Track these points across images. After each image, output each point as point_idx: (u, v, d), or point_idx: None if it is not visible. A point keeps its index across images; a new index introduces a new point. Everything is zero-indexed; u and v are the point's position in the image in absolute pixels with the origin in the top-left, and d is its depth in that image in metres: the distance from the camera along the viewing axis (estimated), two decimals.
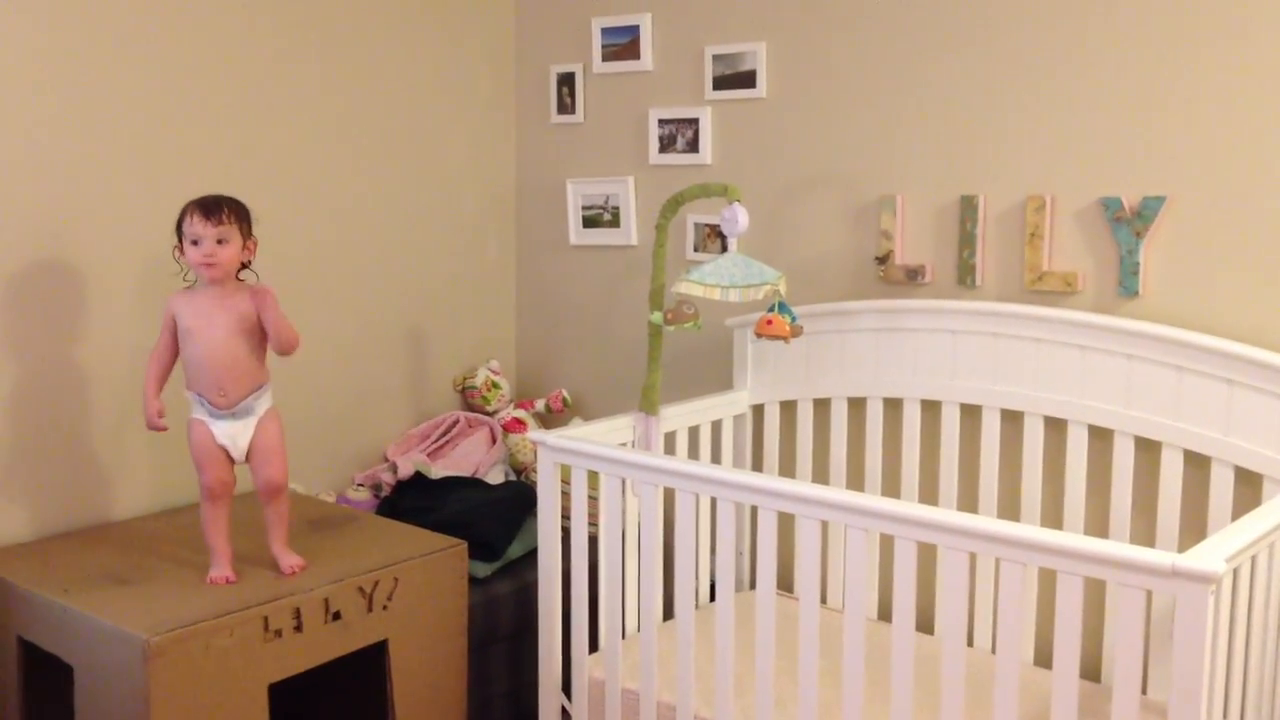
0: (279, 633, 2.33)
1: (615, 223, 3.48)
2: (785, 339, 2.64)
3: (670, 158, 3.32)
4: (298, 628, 2.36)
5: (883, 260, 2.93)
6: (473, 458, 3.42)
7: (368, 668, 2.58)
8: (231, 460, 2.44)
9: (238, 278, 2.43)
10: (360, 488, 3.29)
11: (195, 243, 2.36)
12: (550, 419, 3.60)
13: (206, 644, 2.21)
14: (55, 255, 2.73)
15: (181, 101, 2.92)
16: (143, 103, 2.84)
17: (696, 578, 2.67)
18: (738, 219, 2.63)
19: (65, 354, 2.76)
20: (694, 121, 3.26)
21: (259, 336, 2.43)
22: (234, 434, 2.42)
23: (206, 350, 2.38)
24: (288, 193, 3.17)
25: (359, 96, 3.31)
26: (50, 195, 2.71)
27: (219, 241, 2.36)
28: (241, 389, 2.41)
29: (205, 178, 2.96)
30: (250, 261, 2.45)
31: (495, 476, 3.40)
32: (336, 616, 2.43)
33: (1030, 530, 1.95)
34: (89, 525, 2.80)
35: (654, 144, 3.35)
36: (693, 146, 3.27)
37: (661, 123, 3.33)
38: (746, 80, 3.15)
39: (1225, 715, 1.93)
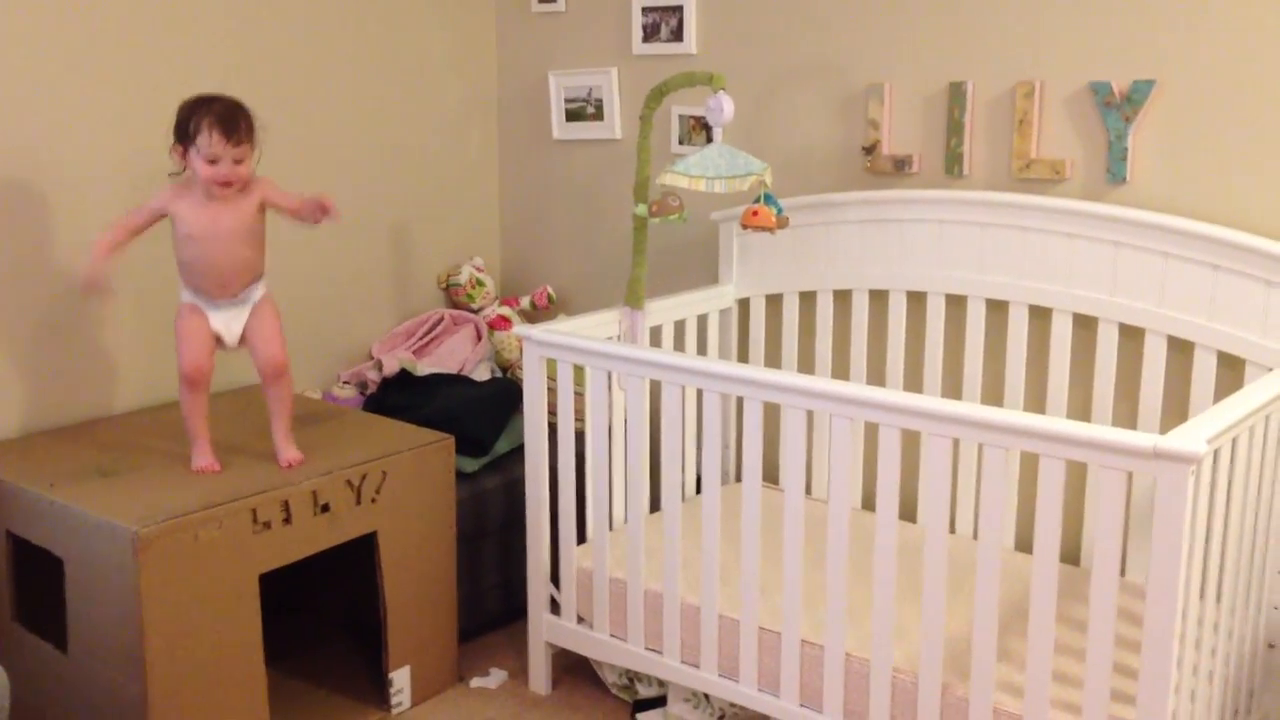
0: (268, 524, 2.34)
1: (599, 116, 3.43)
2: (771, 230, 2.62)
3: (654, 47, 3.26)
4: (286, 520, 2.38)
5: (869, 150, 2.90)
6: (458, 355, 3.42)
7: (359, 560, 2.61)
8: (218, 347, 2.45)
9: None
10: (346, 385, 3.29)
11: (212, 161, 2.30)
12: (535, 315, 3.58)
13: (195, 535, 2.22)
14: (38, 152, 2.69)
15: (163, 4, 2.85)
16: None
17: (683, 470, 2.69)
18: (723, 108, 2.59)
19: (48, 251, 2.73)
20: (678, 9, 3.19)
21: (260, 229, 2.43)
22: (228, 320, 2.43)
23: (211, 256, 2.37)
24: (267, 91, 3.10)
25: None
26: (31, 93, 2.65)
27: (236, 161, 2.32)
28: (243, 281, 2.43)
29: (185, 72, 2.90)
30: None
31: (481, 374, 3.40)
32: (325, 509, 2.45)
33: (1013, 415, 1.96)
34: (75, 421, 2.80)
35: (637, 33, 3.28)
36: (677, 35, 3.20)
37: (645, 11, 3.25)
38: None
39: (1202, 596, 1.97)
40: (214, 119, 2.29)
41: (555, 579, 2.74)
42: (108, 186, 2.80)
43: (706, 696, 2.55)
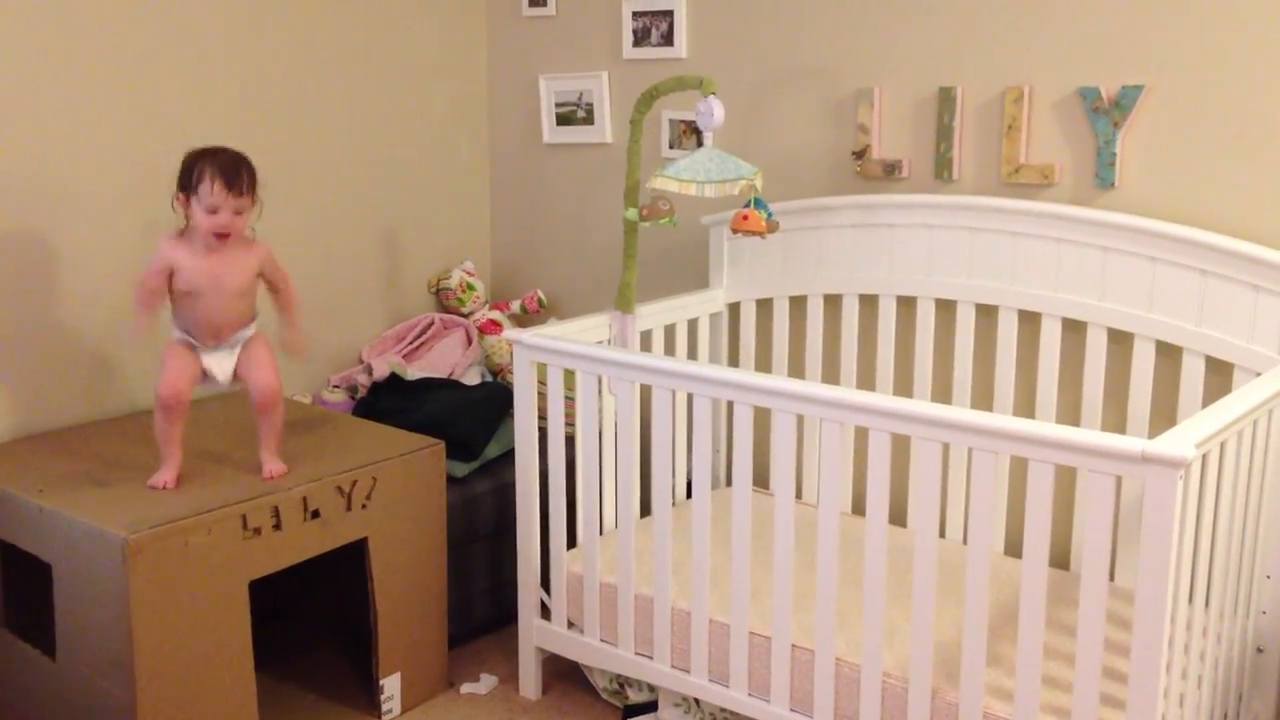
0: (258, 531, 2.34)
1: (589, 120, 3.43)
2: (761, 234, 2.62)
3: (645, 51, 3.26)
4: (277, 526, 2.37)
5: (859, 155, 2.91)
6: (448, 359, 3.41)
7: (349, 565, 2.61)
8: (210, 384, 2.46)
9: None
10: (336, 389, 3.29)
11: (212, 211, 2.30)
12: (526, 320, 3.58)
13: (185, 542, 2.22)
14: (32, 159, 2.68)
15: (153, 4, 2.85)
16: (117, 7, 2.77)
17: (673, 475, 2.69)
18: (713, 112, 2.59)
19: (42, 257, 2.72)
20: (669, 14, 3.19)
21: (254, 285, 2.45)
22: (220, 359, 2.44)
23: (208, 311, 2.38)
24: (255, 95, 3.11)
25: None
26: (30, 93, 2.65)
27: (236, 212, 2.32)
28: (235, 329, 2.45)
29: (176, 76, 2.90)
30: None
31: (471, 378, 3.39)
32: (315, 515, 2.44)
33: (1002, 419, 1.97)
34: (64, 427, 2.79)
35: (628, 37, 3.28)
36: (668, 40, 3.21)
37: (636, 15, 3.26)
38: None
39: (1191, 601, 1.97)
40: (217, 169, 2.30)
41: (546, 584, 2.74)
42: (105, 190, 2.80)
43: (697, 701, 2.55)
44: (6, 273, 2.68)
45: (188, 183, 2.32)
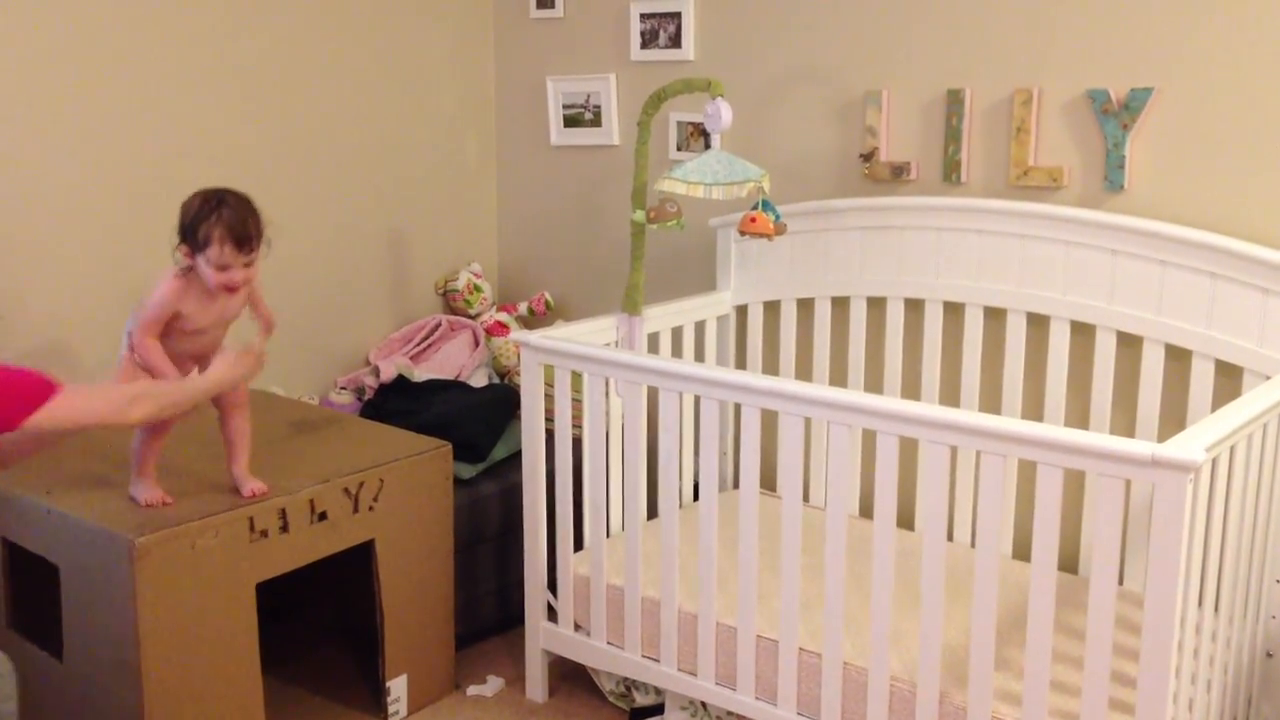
0: (265, 533, 2.34)
1: (597, 122, 3.43)
2: (769, 237, 2.62)
3: (652, 54, 3.26)
4: (284, 528, 2.37)
5: (868, 157, 2.90)
6: (455, 361, 3.41)
7: (356, 567, 2.60)
8: None
9: None
10: (343, 391, 3.29)
11: (223, 269, 2.17)
12: (533, 321, 3.58)
13: (192, 544, 2.22)
14: (31, 157, 2.69)
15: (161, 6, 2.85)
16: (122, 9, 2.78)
17: (680, 477, 2.69)
18: (721, 114, 2.59)
19: (47, 259, 2.73)
20: (676, 16, 3.19)
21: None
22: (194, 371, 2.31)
23: (208, 346, 2.28)
24: (266, 96, 3.11)
25: None
26: (27, 91, 2.65)
27: (246, 265, 2.20)
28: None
29: (182, 83, 2.90)
30: None
31: (478, 380, 3.40)
32: (323, 517, 2.44)
33: (1011, 422, 1.96)
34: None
35: (635, 39, 3.28)
36: (675, 42, 3.21)
37: (643, 17, 3.26)
38: None
39: (1200, 605, 1.97)
40: (225, 231, 2.14)
41: (552, 586, 2.74)
42: (104, 189, 2.80)
43: (704, 705, 2.55)
44: (11, 275, 2.68)
45: (192, 239, 2.17)
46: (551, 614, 2.75)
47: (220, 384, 2.19)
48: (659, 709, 2.66)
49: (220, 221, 2.14)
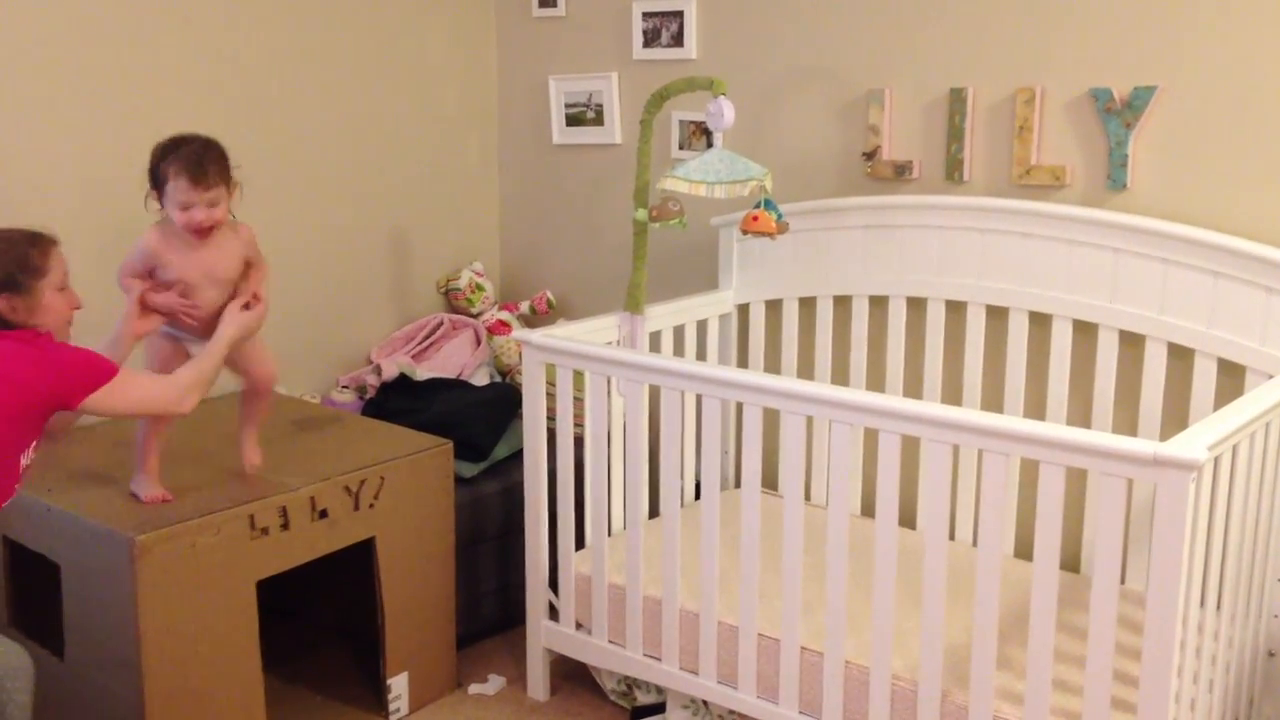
0: (265, 530, 2.34)
1: (599, 121, 3.42)
2: (771, 235, 2.62)
3: (655, 52, 3.26)
4: (284, 525, 2.37)
5: (870, 156, 2.90)
6: (457, 360, 3.41)
7: (357, 565, 2.60)
8: None
9: None
10: (345, 389, 3.29)
11: (185, 208, 2.19)
12: (535, 320, 3.58)
13: (193, 542, 2.22)
14: (34, 149, 2.68)
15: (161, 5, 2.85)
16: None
17: (682, 476, 2.69)
18: (723, 113, 2.59)
19: None
20: (679, 14, 3.18)
21: (242, 270, 2.34)
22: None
23: (208, 318, 2.28)
24: (265, 95, 3.11)
25: None
26: (24, 89, 2.65)
27: (210, 205, 2.21)
28: (219, 315, 2.32)
29: (184, 82, 2.90)
30: None
31: (480, 379, 3.39)
32: (323, 514, 2.44)
33: (1013, 421, 1.96)
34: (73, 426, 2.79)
35: (638, 38, 3.28)
36: (678, 40, 3.20)
37: (646, 16, 3.25)
38: None
39: (1202, 604, 1.96)
40: (181, 165, 2.18)
41: (554, 585, 2.74)
42: (104, 189, 2.80)
43: (705, 703, 2.54)
44: None
45: (156, 179, 2.21)
46: (553, 613, 2.75)
47: (232, 338, 2.26)
48: (660, 708, 2.65)
49: (177, 158, 2.19)
